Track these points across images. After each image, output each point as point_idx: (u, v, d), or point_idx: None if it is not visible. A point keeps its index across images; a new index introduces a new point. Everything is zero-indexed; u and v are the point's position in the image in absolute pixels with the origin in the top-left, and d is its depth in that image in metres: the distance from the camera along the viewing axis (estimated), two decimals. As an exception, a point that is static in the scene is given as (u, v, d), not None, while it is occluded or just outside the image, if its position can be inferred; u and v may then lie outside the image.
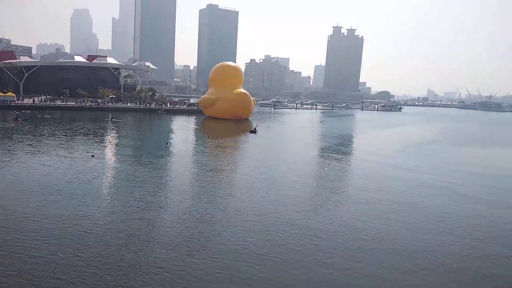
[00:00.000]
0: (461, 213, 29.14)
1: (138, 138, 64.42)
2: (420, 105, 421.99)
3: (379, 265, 19.78)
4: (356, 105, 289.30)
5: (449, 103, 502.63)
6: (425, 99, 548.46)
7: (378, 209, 29.07)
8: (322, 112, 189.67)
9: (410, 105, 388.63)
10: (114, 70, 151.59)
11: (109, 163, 41.59)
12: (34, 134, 59.45)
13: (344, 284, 17.99)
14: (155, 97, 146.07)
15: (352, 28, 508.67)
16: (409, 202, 31.39)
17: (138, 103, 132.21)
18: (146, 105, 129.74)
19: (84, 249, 19.87)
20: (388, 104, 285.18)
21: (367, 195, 32.75)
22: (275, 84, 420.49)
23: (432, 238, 23.74)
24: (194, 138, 70.00)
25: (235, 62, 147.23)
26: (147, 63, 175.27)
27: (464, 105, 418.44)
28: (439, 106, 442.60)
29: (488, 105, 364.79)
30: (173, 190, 31.88)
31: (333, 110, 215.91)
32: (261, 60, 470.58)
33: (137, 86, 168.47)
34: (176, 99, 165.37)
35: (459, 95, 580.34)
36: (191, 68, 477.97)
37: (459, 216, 28.38)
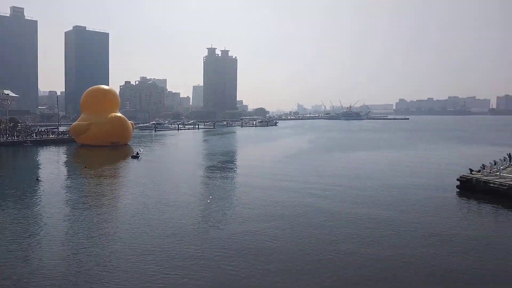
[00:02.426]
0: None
1: (1, 176, 56.69)
2: (292, 119, 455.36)
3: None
4: (236, 122, 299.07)
5: (316, 115, 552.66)
6: (296, 113, 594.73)
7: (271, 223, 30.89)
8: (204, 131, 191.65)
9: (283, 119, 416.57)
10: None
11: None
12: None
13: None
14: (18, 128, 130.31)
15: (226, 49, 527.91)
16: (288, 210, 34.07)
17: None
18: (7, 138, 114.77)
19: None
20: (265, 120, 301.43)
21: (254, 209, 34.46)
22: (154, 106, 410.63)
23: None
24: (69, 169, 64.36)
25: (108, 85, 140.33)
26: (6, 91, 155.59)
27: (329, 116, 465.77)
28: (308, 118, 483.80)
29: (349, 114, 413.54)
30: (48, 229, 29.00)
31: (215, 129, 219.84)
32: (137, 82, 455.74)
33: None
34: (43, 129, 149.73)
35: (324, 107, 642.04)
36: (58, 93, 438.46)
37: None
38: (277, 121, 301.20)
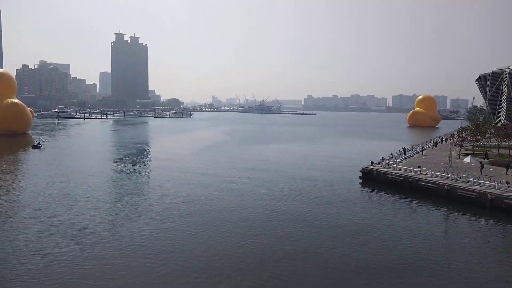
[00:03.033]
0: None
1: None
2: (207, 111, 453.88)
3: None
4: (149, 112, 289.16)
5: (231, 108, 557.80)
6: (211, 105, 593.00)
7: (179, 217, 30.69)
8: (114, 121, 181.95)
9: (198, 111, 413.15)
10: None
11: None
12: None
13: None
14: None
15: (135, 36, 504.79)
16: (203, 204, 34.33)
17: None
18: None
19: None
20: (179, 111, 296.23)
21: (167, 205, 34.01)
22: (56, 93, 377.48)
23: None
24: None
25: (2, 68, 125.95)
26: None
27: (243, 109, 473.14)
28: (223, 111, 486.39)
29: (262, 108, 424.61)
30: None
31: (126, 119, 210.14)
32: (36, 66, 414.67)
33: None
34: None
35: (239, 100, 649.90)
36: None
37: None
38: (192, 112, 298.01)
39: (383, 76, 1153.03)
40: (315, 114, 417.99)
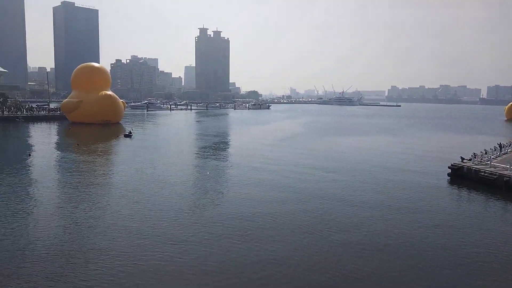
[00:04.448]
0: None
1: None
2: (285, 103, 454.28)
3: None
4: (229, 104, 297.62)
5: (309, 99, 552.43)
6: (289, 97, 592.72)
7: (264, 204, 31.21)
8: (197, 112, 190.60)
9: (276, 103, 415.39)
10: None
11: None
12: None
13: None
14: (8, 104, 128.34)
15: (218, 30, 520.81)
16: (285, 187, 34.44)
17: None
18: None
19: None
20: (258, 102, 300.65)
21: (247, 191, 34.72)
22: (146, 86, 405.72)
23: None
24: (61, 146, 63.79)
25: (98, 63, 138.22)
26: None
27: (322, 101, 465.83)
28: (301, 102, 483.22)
29: (342, 100, 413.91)
30: (43, 207, 28.93)
31: (208, 110, 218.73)
32: (128, 61, 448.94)
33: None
34: (34, 105, 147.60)
35: (317, 92, 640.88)
36: (48, 70, 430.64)
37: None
38: (270, 104, 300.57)
39: (476, 64, 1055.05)
40: (400, 106, 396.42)
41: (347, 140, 77.80)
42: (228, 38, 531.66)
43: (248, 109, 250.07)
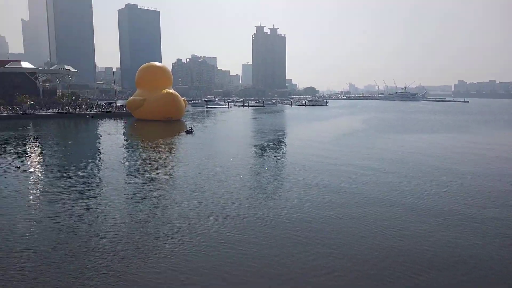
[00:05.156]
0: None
1: (66, 145, 60.32)
2: (343, 99, 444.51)
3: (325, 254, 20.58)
4: (286, 101, 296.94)
5: (369, 95, 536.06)
6: (348, 92, 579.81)
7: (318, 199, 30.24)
8: (254, 109, 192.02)
9: (334, 99, 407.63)
10: (30, 75, 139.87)
11: (39, 173, 38.42)
12: None
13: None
14: (79, 101, 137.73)
15: (274, 27, 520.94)
16: (341, 188, 33.10)
17: (60, 109, 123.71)
18: (69, 111, 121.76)
19: (17, 273, 18.17)
20: (315, 99, 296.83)
21: (302, 190, 33.89)
22: (205, 84, 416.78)
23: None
24: (127, 141, 66.92)
25: (161, 62, 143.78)
26: (67, 66, 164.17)
27: (383, 96, 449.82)
28: (360, 98, 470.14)
29: (405, 95, 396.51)
30: (112, 197, 30.26)
31: (265, 107, 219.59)
32: (188, 60, 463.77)
33: (58, 91, 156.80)
34: (102, 103, 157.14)
35: (378, 87, 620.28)
36: (114, 69, 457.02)
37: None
38: (327, 100, 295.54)
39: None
40: (468, 101, 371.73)
41: (411, 138, 73.80)
42: (284, 35, 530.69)
43: (305, 105, 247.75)
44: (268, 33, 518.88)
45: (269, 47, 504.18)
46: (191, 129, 78.51)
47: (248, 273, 18.02)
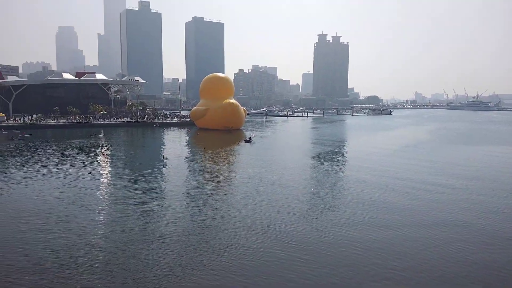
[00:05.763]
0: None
1: (134, 153, 64.10)
2: (409, 108, 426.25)
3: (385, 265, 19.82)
4: (347, 110, 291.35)
5: (437, 104, 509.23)
6: (413, 101, 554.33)
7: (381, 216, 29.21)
8: (313, 119, 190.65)
9: (399, 108, 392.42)
10: (103, 86, 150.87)
11: (108, 179, 41.24)
12: (31, 153, 58.88)
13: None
14: (147, 111, 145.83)
15: (337, 35, 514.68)
16: (405, 204, 31.65)
17: (129, 118, 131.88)
18: (138, 120, 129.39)
19: (87, 270, 19.59)
20: (378, 108, 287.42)
21: (366, 200, 32.91)
22: (265, 93, 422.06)
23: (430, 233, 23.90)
24: (190, 150, 69.62)
25: (223, 73, 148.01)
26: (136, 78, 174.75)
27: (452, 106, 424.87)
28: (427, 108, 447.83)
29: (476, 105, 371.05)
30: (175, 204, 31.61)
31: (324, 117, 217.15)
32: (249, 70, 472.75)
33: (127, 100, 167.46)
34: (168, 112, 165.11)
35: (447, 96, 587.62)
36: (180, 80, 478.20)
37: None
38: (391, 110, 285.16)
39: None
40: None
41: (483, 151, 68.81)
42: (347, 43, 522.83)
43: (367, 115, 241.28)
44: (331, 41, 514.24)
45: (331, 56, 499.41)
46: (250, 138, 79.76)
47: None
